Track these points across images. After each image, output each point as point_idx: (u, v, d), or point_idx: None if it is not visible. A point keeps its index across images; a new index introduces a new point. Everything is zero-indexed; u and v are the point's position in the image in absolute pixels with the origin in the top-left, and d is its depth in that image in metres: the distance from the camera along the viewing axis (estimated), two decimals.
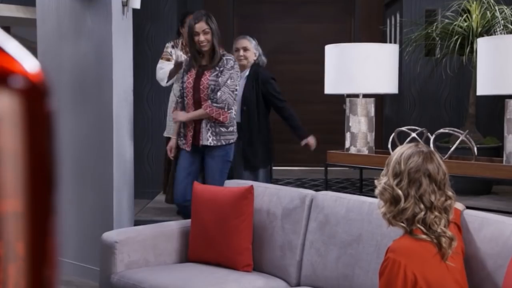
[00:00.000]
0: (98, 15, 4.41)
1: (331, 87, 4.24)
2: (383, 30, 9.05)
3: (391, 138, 3.93)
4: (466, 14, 7.04)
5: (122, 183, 4.44)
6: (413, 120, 8.05)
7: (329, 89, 4.26)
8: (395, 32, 8.59)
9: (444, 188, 2.33)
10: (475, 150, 3.58)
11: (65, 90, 4.60)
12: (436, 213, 2.28)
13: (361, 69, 4.06)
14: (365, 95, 4.19)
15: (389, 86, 4.17)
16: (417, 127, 3.88)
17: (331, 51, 4.23)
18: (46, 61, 4.74)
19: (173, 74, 5.25)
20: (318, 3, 9.56)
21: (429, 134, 3.79)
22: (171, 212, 5.72)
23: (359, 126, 4.13)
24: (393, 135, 3.93)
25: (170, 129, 5.33)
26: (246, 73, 4.85)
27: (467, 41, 6.91)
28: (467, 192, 6.42)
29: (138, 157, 5.46)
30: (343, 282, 3.04)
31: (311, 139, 4.85)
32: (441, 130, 3.76)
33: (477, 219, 2.65)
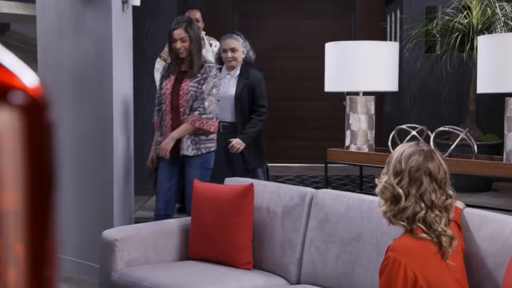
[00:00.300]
0: (98, 12, 4.40)
1: (331, 85, 4.24)
2: (383, 27, 9.04)
3: (391, 136, 3.93)
4: (466, 11, 7.04)
5: (122, 180, 4.44)
6: (413, 117, 8.05)
7: (329, 87, 4.26)
8: (395, 29, 8.58)
9: (445, 187, 2.32)
10: (475, 148, 3.58)
11: (64, 87, 4.60)
12: (436, 212, 2.28)
13: (361, 67, 4.05)
14: (365, 93, 4.19)
15: (389, 84, 4.17)
16: (417, 125, 3.88)
17: (331, 48, 4.23)
18: (46, 58, 4.74)
19: None
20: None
21: (429, 132, 3.79)
22: None
23: (359, 124, 4.13)
24: (393, 133, 3.93)
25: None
26: (236, 72, 4.69)
27: (467, 38, 6.91)
28: (467, 189, 6.43)
29: (138, 154, 5.44)
30: (343, 280, 3.04)
31: (235, 141, 4.58)
32: (441, 128, 3.75)
33: (477, 217, 2.65)
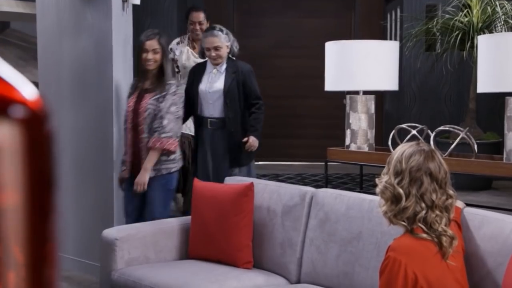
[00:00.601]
0: (98, 10, 4.40)
1: (331, 84, 4.23)
2: (384, 25, 9.04)
3: (391, 135, 3.93)
4: (466, 9, 7.03)
5: None
6: (413, 116, 8.05)
7: (329, 86, 4.26)
8: (396, 27, 8.57)
9: (445, 187, 2.32)
10: (475, 147, 3.58)
11: (64, 85, 4.60)
12: (437, 212, 2.28)
13: (362, 66, 4.05)
14: (365, 92, 4.19)
15: (389, 83, 4.17)
16: (417, 124, 3.87)
17: (331, 48, 4.22)
18: (46, 56, 4.74)
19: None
20: None
21: (429, 131, 3.79)
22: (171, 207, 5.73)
23: (359, 123, 4.12)
24: (393, 132, 3.93)
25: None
26: (223, 66, 4.54)
27: (467, 36, 6.90)
28: (467, 187, 6.43)
29: None
30: (343, 280, 3.04)
31: (252, 139, 4.48)
32: (441, 128, 3.75)
33: (477, 217, 2.65)
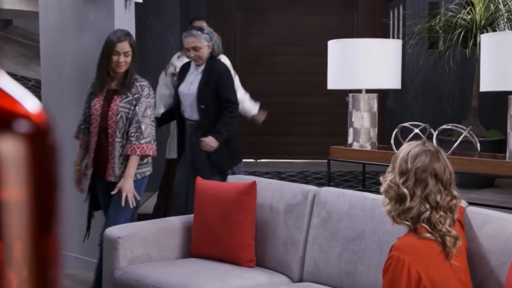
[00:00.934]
0: (101, 8, 4.40)
1: (334, 82, 4.23)
2: (386, 23, 9.02)
3: (393, 134, 3.92)
4: (469, 7, 7.02)
5: None
6: (415, 113, 8.04)
7: (331, 85, 4.25)
8: (398, 25, 8.56)
9: (450, 187, 2.32)
10: (478, 146, 3.57)
11: (67, 83, 4.60)
12: (441, 212, 2.27)
13: (364, 65, 4.05)
14: (368, 90, 4.19)
15: (392, 81, 4.16)
16: (420, 123, 3.87)
17: (333, 46, 4.22)
18: (48, 54, 4.74)
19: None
20: None
21: (432, 130, 3.78)
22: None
23: (362, 122, 4.12)
24: (396, 130, 3.93)
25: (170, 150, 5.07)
26: (202, 66, 4.34)
27: (470, 34, 6.89)
28: (469, 185, 6.42)
29: None
30: (346, 278, 3.04)
31: (209, 139, 4.19)
32: (444, 126, 3.75)
33: (480, 216, 2.65)
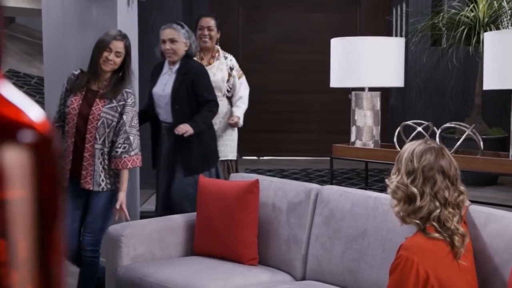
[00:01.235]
0: (103, 6, 4.40)
1: (336, 80, 4.23)
2: (389, 20, 9.01)
3: (396, 132, 3.92)
4: (472, 4, 7.00)
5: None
6: (418, 111, 8.03)
7: (334, 83, 4.25)
8: (401, 22, 8.55)
9: (457, 183, 2.33)
10: (481, 144, 3.57)
11: None
12: (450, 209, 2.28)
13: (367, 63, 4.04)
14: (370, 89, 4.18)
15: (395, 79, 4.16)
16: (423, 121, 3.87)
17: (336, 44, 4.21)
18: (51, 52, 4.74)
19: None
20: None
21: (435, 128, 3.78)
22: None
23: (365, 120, 4.12)
24: (399, 129, 3.92)
25: None
26: (176, 66, 4.16)
27: (473, 31, 6.87)
28: (472, 183, 6.41)
29: (143, 147, 5.44)
30: (348, 277, 3.04)
31: (184, 125, 4.01)
32: (447, 125, 3.74)
33: (483, 214, 2.64)
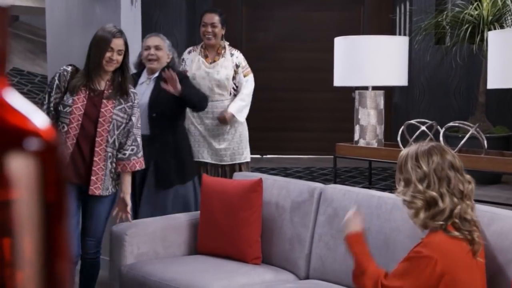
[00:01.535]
0: (107, 5, 4.40)
1: (340, 79, 4.22)
2: (393, 19, 8.99)
3: (400, 131, 3.92)
4: (476, 3, 6.99)
5: None
6: (422, 109, 8.03)
7: (338, 82, 4.25)
8: (405, 21, 8.54)
9: (463, 172, 2.34)
10: (485, 143, 3.56)
11: None
12: (467, 201, 2.30)
13: (371, 62, 4.04)
14: (374, 87, 4.18)
15: (398, 78, 4.16)
16: (426, 120, 3.86)
17: (340, 43, 4.21)
18: (55, 51, 4.74)
19: None
20: None
21: (438, 127, 3.78)
22: None
23: (368, 119, 4.12)
24: (403, 127, 3.92)
25: None
26: (155, 75, 4.01)
27: (477, 29, 6.86)
28: (476, 181, 6.39)
29: None
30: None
31: (175, 76, 3.79)
32: (451, 124, 3.74)
33: (487, 214, 2.65)
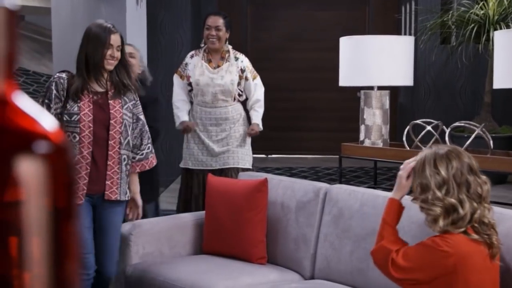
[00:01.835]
0: (112, 5, 4.41)
1: (345, 79, 4.22)
2: (398, 18, 8.98)
3: (406, 131, 3.91)
4: (482, 2, 6.97)
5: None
6: (427, 109, 8.01)
7: (343, 81, 4.24)
8: (410, 20, 8.52)
9: (479, 174, 2.31)
10: (490, 143, 3.55)
11: None
12: (485, 204, 2.28)
13: (376, 62, 4.03)
14: (379, 87, 4.17)
15: (404, 78, 4.15)
16: (432, 120, 3.85)
17: (345, 43, 4.20)
18: (60, 51, 4.75)
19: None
20: None
21: (444, 127, 3.77)
22: None
23: (374, 119, 4.10)
24: (408, 127, 3.91)
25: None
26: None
27: (483, 29, 6.84)
28: None
29: None
30: (357, 276, 3.04)
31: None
32: (457, 124, 3.73)
33: (493, 214, 2.63)
